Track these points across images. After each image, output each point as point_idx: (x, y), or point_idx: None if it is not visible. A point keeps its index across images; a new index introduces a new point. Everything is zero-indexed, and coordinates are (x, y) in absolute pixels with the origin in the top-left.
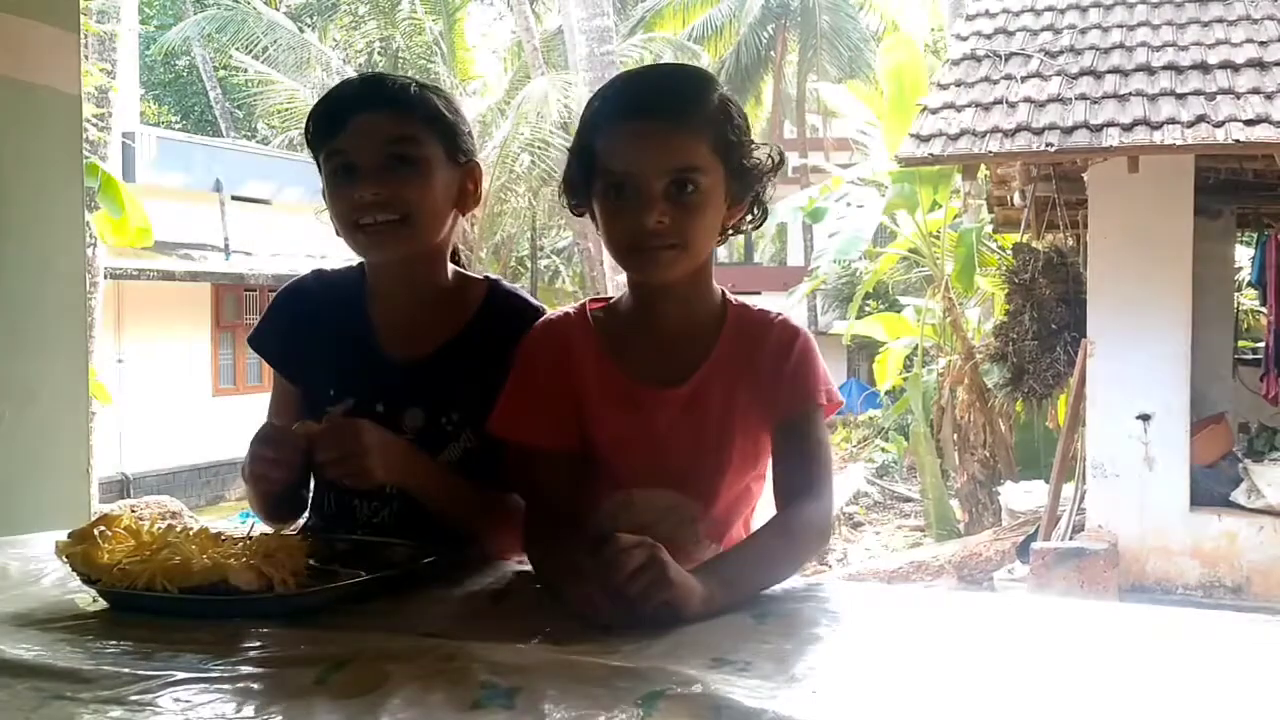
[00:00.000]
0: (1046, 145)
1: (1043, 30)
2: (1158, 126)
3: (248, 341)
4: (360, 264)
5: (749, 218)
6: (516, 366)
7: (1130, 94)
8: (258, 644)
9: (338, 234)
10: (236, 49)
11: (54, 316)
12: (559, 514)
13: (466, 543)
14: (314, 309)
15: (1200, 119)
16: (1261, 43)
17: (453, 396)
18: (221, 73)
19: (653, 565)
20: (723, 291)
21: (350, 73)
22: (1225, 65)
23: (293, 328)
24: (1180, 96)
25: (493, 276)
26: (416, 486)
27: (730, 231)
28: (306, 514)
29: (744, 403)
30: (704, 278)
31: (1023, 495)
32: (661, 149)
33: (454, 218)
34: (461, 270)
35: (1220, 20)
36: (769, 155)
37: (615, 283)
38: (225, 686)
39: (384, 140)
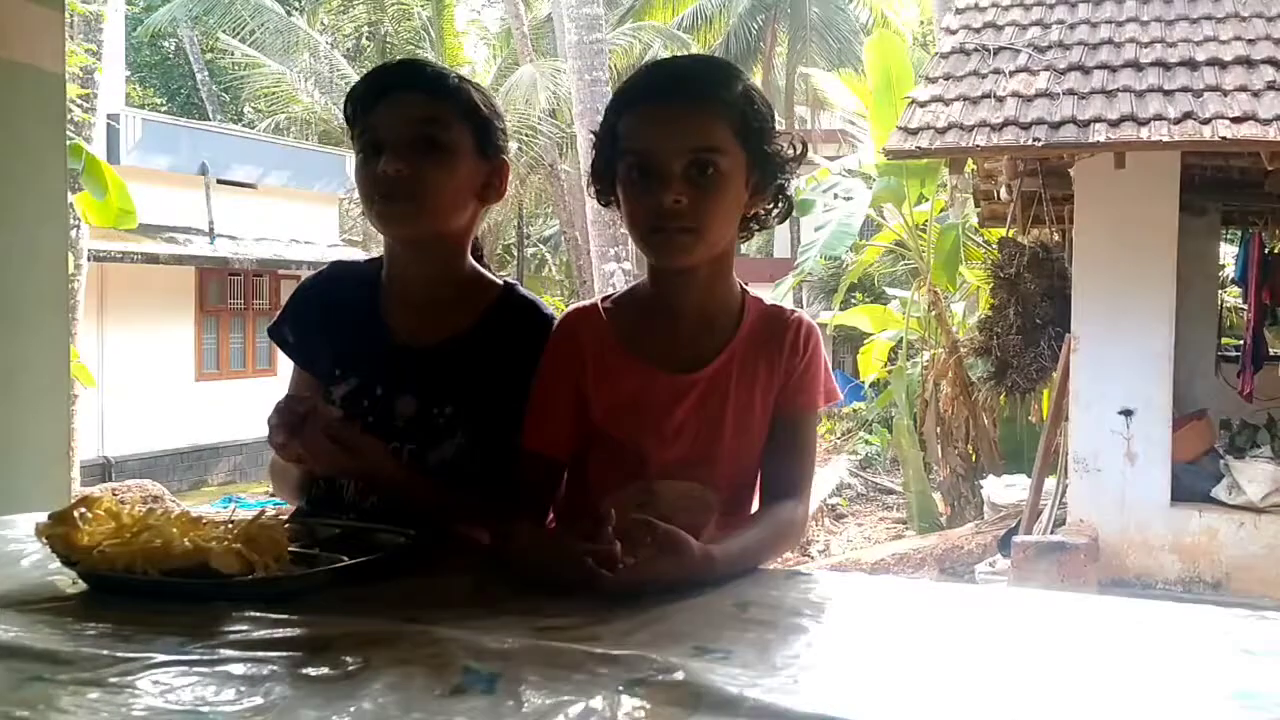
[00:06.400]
0: (1034, 140)
1: (1031, 25)
2: (1145, 123)
3: (267, 333)
4: (381, 257)
5: (774, 210)
6: (537, 373)
7: (1118, 90)
8: (238, 628)
9: (365, 214)
10: (224, 32)
11: (36, 298)
12: (534, 513)
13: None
14: (329, 296)
15: (1187, 115)
16: (1249, 40)
17: (448, 389)
18: (208, 56)
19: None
20: (742, 284)
21: (338, 57)
22: (1213, 62)
23: (307, 316)
24: (1168, 93)
25: (510, 280)
26: (393, 494)
27: (754, 225)
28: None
29: (761, 392)
30: (724, 267)
31: (1005, 489)
32: (681, 129)
33: (474, 209)
34: (480, 268)
35: (1208, 17)
36: (791, 143)
37: (602, 272)
38: (204, 670)
39: (413, 119)
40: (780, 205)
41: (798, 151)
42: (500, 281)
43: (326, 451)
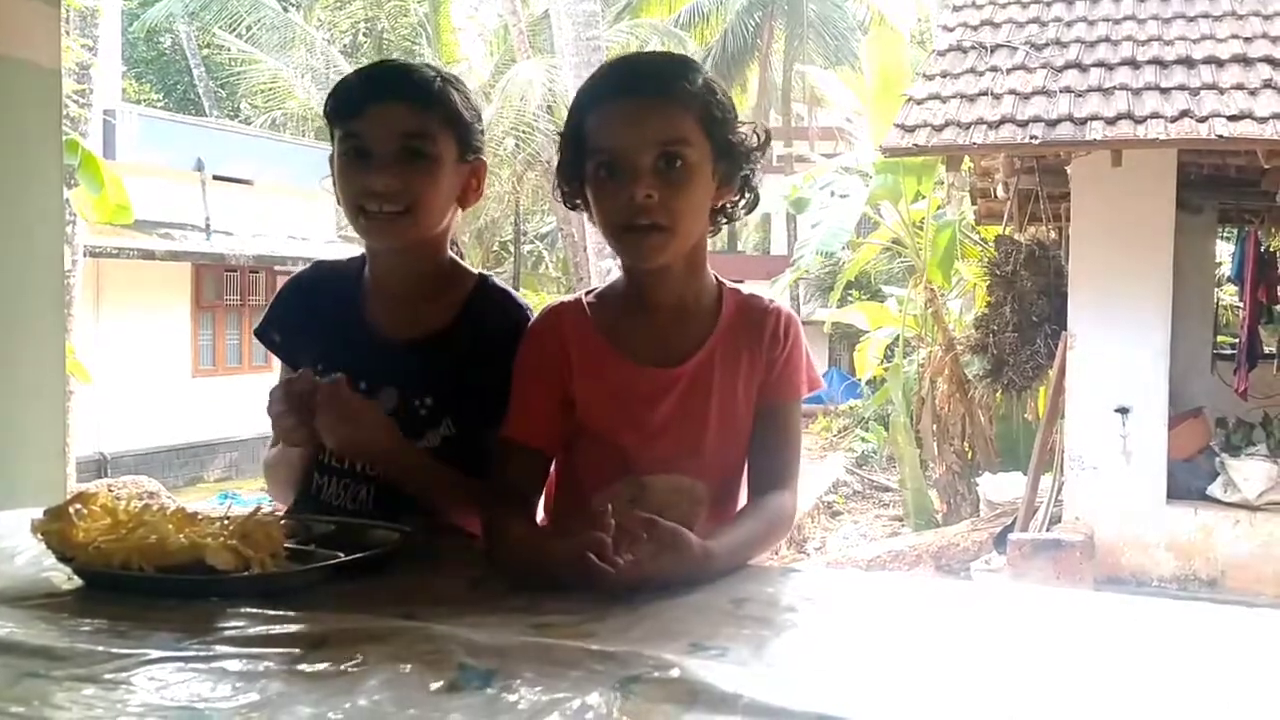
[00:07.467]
0: (1031, 138)
1: (1029, 22)
2: (1141, 120)
3: (254, 334)
4: (363, 255)
5: (741, 202)
6: (515, 365)
7: (1115, 88)
8: (233, 624)
9: (339, 202)
10: (220, 27)
11: (32, 294)
12: (524, 508)
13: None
14: (313, 295)
15: (1184, 114)
16: (1246, 38)
17: (428, 382)
18: (205, 51)
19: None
20: (716, 275)
21: (335, 53)
22: (1209, 60)
23: (292, 315)
24: (1164, 91)
25: (485, 273)
26: (398, 468)
27: (723, 219)
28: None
29: (744, 384)
30: (698, 260)
31: (1001, 486)
32: (649, 123)
33: (454, 212)
34: (458, 260)
35: (1205, 15)
36: (754, 132)
37: (599, 269)
38: (200, 666)
39: (400, 132)
40: (747, 196)
41: (761, 140)
42: (475, 273)
43: (333, 424)
